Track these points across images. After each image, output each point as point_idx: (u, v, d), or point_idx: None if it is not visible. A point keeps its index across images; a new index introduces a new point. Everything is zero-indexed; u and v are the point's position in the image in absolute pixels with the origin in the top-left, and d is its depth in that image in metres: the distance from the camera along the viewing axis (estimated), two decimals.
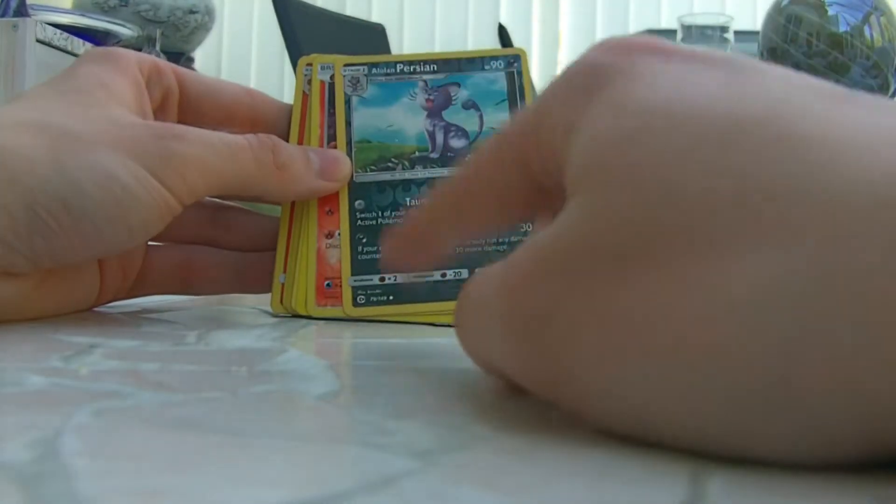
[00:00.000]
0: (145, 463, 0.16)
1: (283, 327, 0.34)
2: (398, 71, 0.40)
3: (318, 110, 0.40)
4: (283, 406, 0.21)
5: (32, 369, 0.24)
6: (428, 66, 0.40)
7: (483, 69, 0.40)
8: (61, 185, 0.30)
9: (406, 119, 0.39)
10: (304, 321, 0.36)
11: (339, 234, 0.39)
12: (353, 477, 0.15)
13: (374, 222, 0.37)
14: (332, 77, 0.41)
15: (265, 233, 0.40)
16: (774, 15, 1.26)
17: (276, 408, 0.21)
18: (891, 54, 1.21)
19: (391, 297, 0.36)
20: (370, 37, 1.99)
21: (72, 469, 0.15)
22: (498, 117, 0.39)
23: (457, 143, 0.39)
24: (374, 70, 0.40)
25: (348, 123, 0.39)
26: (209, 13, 1.70)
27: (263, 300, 0.43)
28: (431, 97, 0.39)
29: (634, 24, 2.70)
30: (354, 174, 0.38)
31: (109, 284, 0.37)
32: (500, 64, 0.40)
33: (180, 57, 1.64)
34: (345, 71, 0.40)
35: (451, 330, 0.33)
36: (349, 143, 0.38)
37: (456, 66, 0.40)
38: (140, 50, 1.59)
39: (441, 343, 0.31)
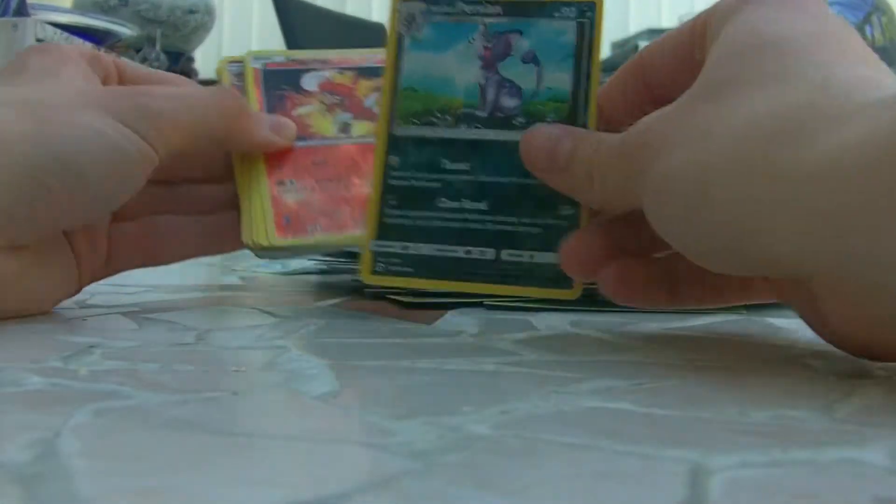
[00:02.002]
0: (145, 463, 0.16)
1: (283, 327, 0.34)
2: (458, 10, 0.36)
3: (255, 99, 0.43)
4: (283, 406, 0.21)
5: (32, 369, 0.24)
6: (492, 8, 0.36)
7: (552, 16, 0.35)
8: (54, 146, 0.32)
9: (459, 68, 0.35)
10: (304, 321, 0.36)
11: (292, 182, 0.41)
12: (353, 477, 0.15)
13: (406, 183, 0.34)
14: (265, 65, 0.44)
15: (219, 198, 0.42)
16: None
17: (276, 408, 0.21)
18: (892, 54, 1.21)
19: (411, 269, 0.34)
20: (370, 36, 1.99)
21: (72, 469, 0.15)
22: (559, 76, 0.34)
23: (508, 101, 0.34)
24: (432, 8, 0.36)
25: (396, 68, 0.35)
26: (209, 13, 1.69)
27: (263, 301, 0.43)
28: (490, 45, 0.35)
29: (634, 24, 2.70)
30: (394, 125, 0.35)
31: (85, 265, 0.38)
32: (572, 11, 0.35)
33: (180, 57, 1.64)
34: (400, 6, 0.36)
35: (451, 330, 0.33)
36: (395, 89, 0.35)
37: (523, 9, 0.35)
38: (140, 50, 1.59)
39: (441, 343, 0.31)
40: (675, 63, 0.31)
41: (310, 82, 0.44)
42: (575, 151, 0.31)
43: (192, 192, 0.42)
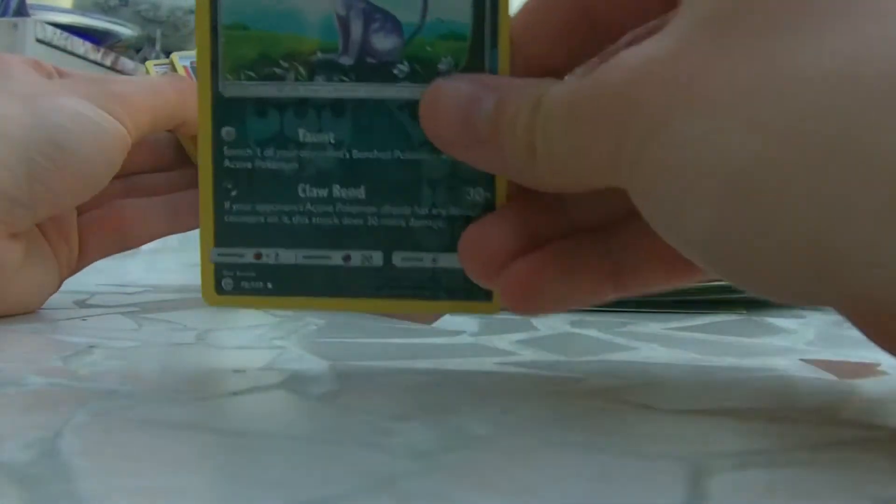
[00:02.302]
0: (145, 463, 0.16)
1: (283, 327, 0.34)
2: None
3: None
4: (283, 406, 0.21)
5: (32, 369, 0.24)
6: None
7: None
8: (45, 128, 0.33)
9: None
10: (304, 321, 0.36)
11: None
12: (353, 477, 0.15)
13: (248, 165, 0.24)
14: (192, 63, 0.46)
15: (174, 182, 0.43)
16: None
17: (276, 408, 0.21)
18: None
19: (270, 285, 0.25)
20: None
21: (72, 469, 0.15)
22: (453, 3, 0.23)
23: (382, 41, 0.24)
24: None
25: None
26: None
27: None
28: None
29: None
30: (221, 82, 0.24)
31: (61, 259, 0.39)
32: None
33: None
34: None
35: (451, 330, 0.33)
36: (214, 27, 0.24)
37: None
38: (140, 50, 1.59)
39: (440, 343, 0.31)
40: None
41: None
42: (502, 113, 0.21)
43: (148, 181, 0.44)
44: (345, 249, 0.24)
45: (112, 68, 1.31)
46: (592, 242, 0.24)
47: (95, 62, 1.29)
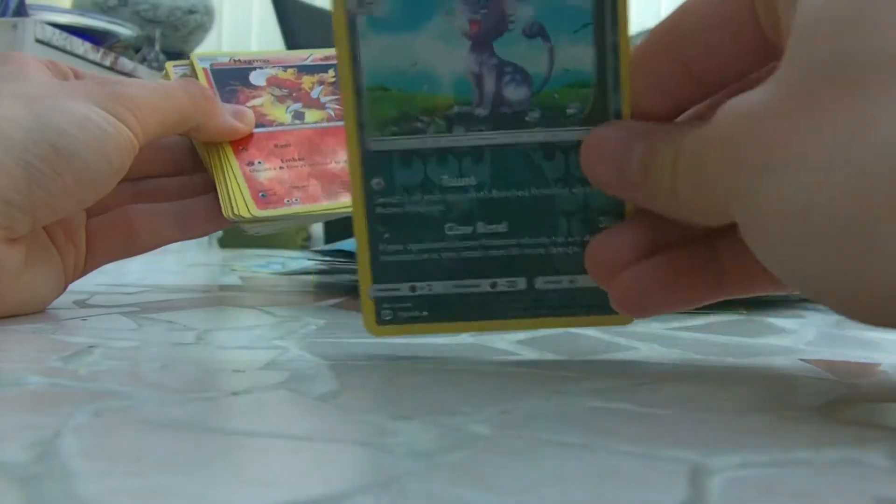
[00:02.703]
0: (145, 463, 0.16)
1: (283, 327, 0.34)
2: None
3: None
4: (283, 406, 0.21)
5: (32, 369, 0.24)
6: None
7: None
8: (46, 132, 0.33)
9: (440, 53, 0.26)
10: (304, 321, 0.36)
11: (259, 163, 0.44)
12: (353, 477, 0.15)
13: (399, 210, 0.26)
14: (211, 65, 0.47)
15: (187, 187, 0.44)
16: None
17: (276, 408, 0.21)
18: None
19: (426, 313, 0.27)
20: None
21: (72, 469, 0.15)
22: (577, 53, 0.25)
23: (514, 92, 0.26)
24: None
25: (355, 62, 0.26)
26: (208, 13, 1.70)
27: (263, 301, 0.43)
28: (478, 16, 0.25)
29: (635, 24, 2.70)
30: (367, 139, 0.26)
31: (67, 262, 0.39)
32: None
33: (179, 57, 1.64)
34: None
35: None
36: (358, 90, 0.26)
37: None
38: (139, 50, 1.59)
39: (441, 343, 0.31)
40: (721, 28, 0.24)
41: (258, 78, 0.47)
42: (653, 158, 0.24)
43: (161, 185, 0.44)
44: (491, 278, 0.27)
45: (111, 68, 1.31)
46: (703, 248, 0.25)
47: (95, 62, 1.29)
